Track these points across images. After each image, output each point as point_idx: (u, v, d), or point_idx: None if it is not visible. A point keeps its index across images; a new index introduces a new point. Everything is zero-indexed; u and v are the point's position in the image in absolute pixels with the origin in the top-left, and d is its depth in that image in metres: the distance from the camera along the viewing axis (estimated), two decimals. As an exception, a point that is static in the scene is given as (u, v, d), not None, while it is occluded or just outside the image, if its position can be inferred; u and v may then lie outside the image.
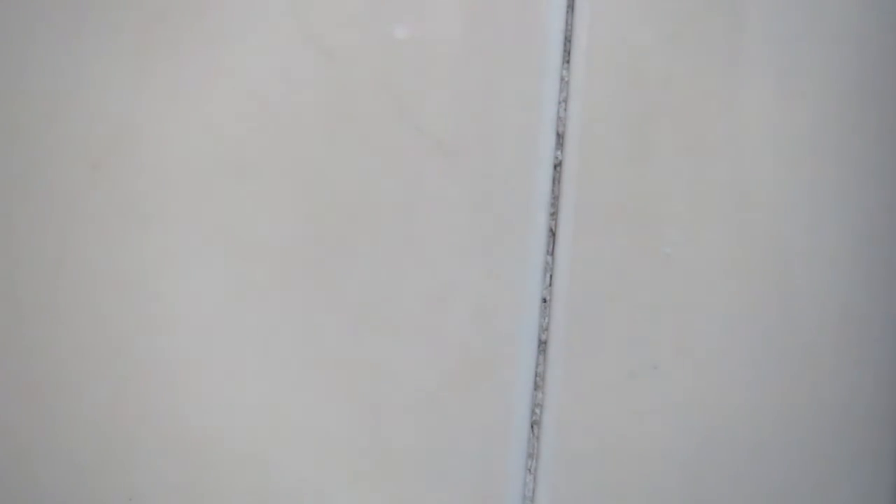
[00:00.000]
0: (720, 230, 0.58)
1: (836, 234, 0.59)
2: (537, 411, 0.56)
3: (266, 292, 0.55)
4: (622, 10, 0.58)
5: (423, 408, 0.56)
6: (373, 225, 0.56)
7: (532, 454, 0.56)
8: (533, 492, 0.56)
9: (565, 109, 0.57)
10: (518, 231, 0.57)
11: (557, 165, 0.57)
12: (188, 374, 0.55)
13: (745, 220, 0.58)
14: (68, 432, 0.54)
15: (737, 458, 0.57)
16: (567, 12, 0.58)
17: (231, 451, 0.55)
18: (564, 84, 0.58)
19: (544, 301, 0.57)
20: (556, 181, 0.57)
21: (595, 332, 0.57)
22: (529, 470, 0.56)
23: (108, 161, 0.55)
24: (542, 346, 0.57)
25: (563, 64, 0.58)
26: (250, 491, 0.55)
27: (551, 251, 0.57)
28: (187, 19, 0.56)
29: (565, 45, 0.58)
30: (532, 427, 0.56)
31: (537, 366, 0.57)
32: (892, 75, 0.60)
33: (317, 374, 0.55)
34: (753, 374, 0.58)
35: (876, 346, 0.59)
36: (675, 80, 0.58)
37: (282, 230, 0.56)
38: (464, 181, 0.57)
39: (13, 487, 0.54)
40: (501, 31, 0.57)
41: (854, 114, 0.59)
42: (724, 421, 0.57)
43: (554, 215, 0.57)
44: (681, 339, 0.57)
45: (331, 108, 0.56)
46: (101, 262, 0.55)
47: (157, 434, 0.54)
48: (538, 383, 0.57)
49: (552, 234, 0.57)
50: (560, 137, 0.57)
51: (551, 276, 0.57)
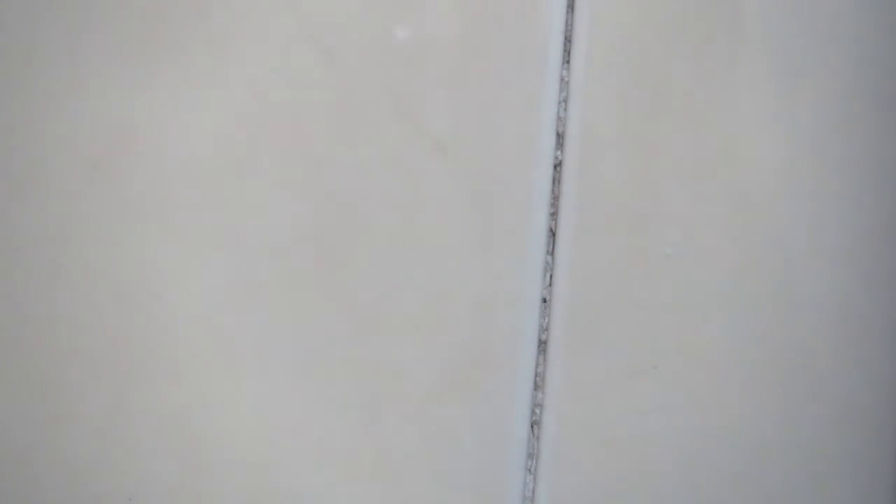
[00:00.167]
0: (720, 230, 0.58)
1: (836, 234, 0.59)
2: (537, 411, 0.56)
3: (266, 292, 0.55)
4: (622, 10, 0.58)
5: (423, 407, 0.56)
6: (373, 225, 0.56)
7: (532, 454, 0.56)
8: (533, 492, 0.56)
9: (565, 109, 0.57)
10: (518, 231, 0.57)
11: (557, 165, 0.57)
12: (188, 374, 0.55)
13: (745, 221, 0.58)
14: (68, 432, 0.54)
15: (737, 458, 0.57)
16: (567, 12, 0.58)
17: (231, 451, 0.55)
18: (564, 84, 0.58)
19: (544, 301, 0.57)
20: (556, 181, 0.57)
21: (595, 332, 0.57)
22: (529, 470, 0.56)
23: (108, 161, 0.55)
24: (542, 346, 0.57)
25: (563, 64, 0.58)
26: (250, 491, 0.55)
27: (551, 251, 0.57)
28: (187, 19, 0.56)
29: (565, 45, 0.58)
30: (532, 427, 0.56)
31: (537, 366, 0.57)
32: (891, 75, 0.60)
33: (317, 374, 0.55)
34: (753, 374, 0.58)
35: (876, 346, 0.59)
36: (675, 80, 0.58)
37: (282, 230, 0.56)
38: (464, 181, 0.57)
39: (13, 487, 0.54)
40: (501, 31, 0.57)
41: (854, 114, 0.59)
42: (724, 421, 0.57)
43: (554, 215, 0.57)
44: (681, 339, 0.57)
45: (331, 108, 0.56)
46: (100, 261, 0.55)
47: (157, 434, 0.54)
48: (538, 383, 0.57)
49: (552, 234, 0.57)
50: (560, 137, 0.57)
51: (551, 276, 0.57)
